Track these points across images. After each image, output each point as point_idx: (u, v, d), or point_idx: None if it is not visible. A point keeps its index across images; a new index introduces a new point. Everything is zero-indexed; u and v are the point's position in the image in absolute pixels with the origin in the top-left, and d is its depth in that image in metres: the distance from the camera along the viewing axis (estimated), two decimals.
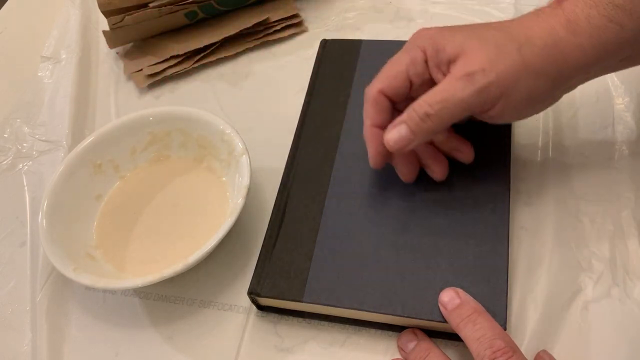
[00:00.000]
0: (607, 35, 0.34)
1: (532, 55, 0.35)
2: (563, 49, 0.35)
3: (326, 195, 0.42)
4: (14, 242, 0.48)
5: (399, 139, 0.37)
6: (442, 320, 0.35)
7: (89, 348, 0.41)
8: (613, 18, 0.34)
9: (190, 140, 0.47)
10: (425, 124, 0.36)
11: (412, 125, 0.37)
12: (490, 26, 0.38)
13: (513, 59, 0.35)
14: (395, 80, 0.38)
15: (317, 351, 0.39)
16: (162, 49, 0.58)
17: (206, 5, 0.57)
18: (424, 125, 0.36)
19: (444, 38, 0.37)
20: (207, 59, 0.57)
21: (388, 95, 0.39)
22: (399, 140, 0.37)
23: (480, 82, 0.35)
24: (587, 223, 0.41)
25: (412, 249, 0.39)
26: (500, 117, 0.37)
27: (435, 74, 0.38)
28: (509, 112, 0.37)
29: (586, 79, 0.38)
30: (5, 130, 0.56)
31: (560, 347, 0.37)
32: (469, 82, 0.35)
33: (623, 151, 0.45)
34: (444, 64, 0.37)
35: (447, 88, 0.36)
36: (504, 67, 0.35)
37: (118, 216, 0.46)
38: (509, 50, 0.35)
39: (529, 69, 0.35)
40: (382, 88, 0.39)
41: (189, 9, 0.57)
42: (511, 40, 0.36)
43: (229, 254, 0.44)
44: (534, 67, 0.35)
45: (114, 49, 0.60)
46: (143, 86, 0.57)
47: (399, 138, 0.37)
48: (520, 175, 0.44)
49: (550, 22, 0.35)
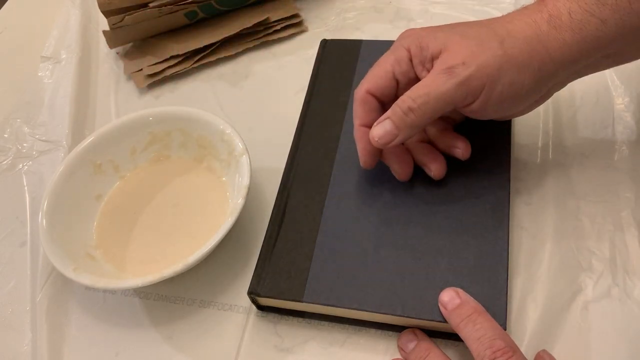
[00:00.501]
0: (589, 29, 0.34)
1: (514, 48, 0.35)
2: (546, 43, 0.35)
3: (326, 195, 0.42)
4: (14, 242, 0.48)
5: (384, 134, 0.38)
6: (442, 320, 0.35)
7: (89, 348, 0.41)
8: (594, 12, 0.34)
9: (190, 140, 0.47)
10: (408, 118, 0.37)
11: (396, 120, 0.37)
12: (473, 23, 0.38)
13: (494, 52, 0.35)
14: (382, 80, 0.39)
15: (317, 351, 0.39)
16: (162, 49, 0.58)
17: (206, 5, 0.57)
18: (407, 120, 0.37)
19: (427, 36, 0.38)
20: (207, 59, 0.57)
21: (375, 95, 0.39)
22: (384, 135, 0.38)
23: (460, 75, 0.35)
24: (587, 223, 0.41)
25: (412, 249, 0.39)
26: (483, 111, 0.37)
27: (420, 71, 0.38)
28: (492, 106, 0.37)
29: (575, 75, 0.38)
30: (5, 130, 0.56)
31: (560, 347, 0.37)
32: (450, 75, 0.36)
33: (623, 151, 0.45)
34: (428, 61, 0.37)
35: (428, 83, 0.36)
36: (484, 60, 0.35)
37: (118, 216, 0.46)
38: (491, 44, 0.36)
39: (511, 61, 0.35)
40: (369, 88, 0.39)
41: (189, 9, 0.57)
42: (494, 35, 0.36)
43: (229, 254, 0.44)
44: (516, 60, 0.35)
45: (114, 49, 0.60)
46: (143, 86, 0.57)
47: (384, 133, 0.38)
48: (520, 175, 0.44)
49: (533, 17, 0.36)
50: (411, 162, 0.42)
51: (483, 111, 0.37)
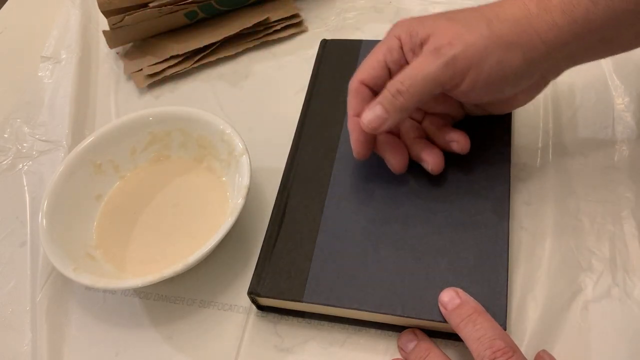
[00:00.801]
0: (579, 11, 0.34)
1: (502, 28, 0.36)
2: (535, 25, 0.35)
3: (326, 195, 0.42)
4: (14, 242, 0.48)
5: (374, 119, 0.38)
6: (442, 320, 0.35)
7: (89, 348, 0.41)
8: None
9: (190, 140, 0.47)
10: (397, 101, 0.37)
11: (385, 104, 0.38)
12: (463, 9, 0.39)
13: (481, 32, 0.36)
14: (374, 70, 0.39)
15: (317, 351, 0.39)
16: (162, 49, 0.58)
17: (206, 5, 0.57)
18: (396, 102, 0.37)
19: (417, 24, 0.38)
20: (207, 59, 0.57)
21: (369, 85, 0.40)
22: (374, 119, 0.38)
23: (446, 55, 0.36)
24: (587, 223, 0.41)
25: (412, 249, 0.39)
26: (472, 92, 0.37)
27: (410, 58, 0.38)
28: (480, 87, 0.37)
29: (570, 60, 0.38)
30: (5, 130, 0.56)
31: (560, 347, 0.37)
32: (436, 56, 0.36)
33: (623, 151, 0.45)
34: (417, 47, 0.38)
35: (416, 65, 0.37)
36: (471, 39, 0.36)
37: (118, 216, 0.46)
38: (478, 25, 0.36)
39: (499, 40, 0.35)
40: (362, 78, 0.40)
41: (189, 9, 0.57)
42: (481, 17, 0.36)
43: (229, 254, 0.44)
44: (504, 39, 0.35)
45: (114, 49, 0.60)
46: (143, 86, 0.57)
47: (373, 117, 0.38)
48: (520, 175, 0.44)
49: (522, 0, 0.36)
50: (406, 154, 0.42)
51: (472, 92, 0.37)
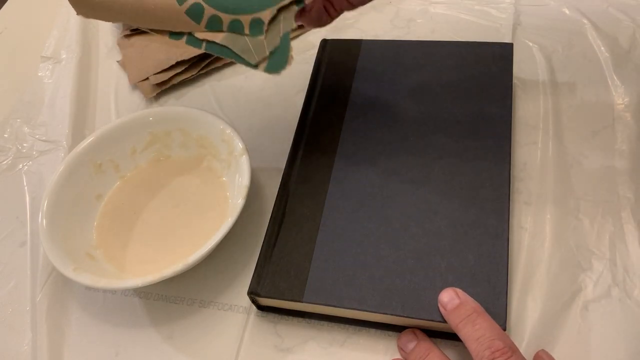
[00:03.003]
0: None
1: None
2: None
3: (326, 195, 0.42)
4: (14, 242, 0.48)
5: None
6: (442, 320, 0.35)
7: (89, 348, 0.41)
8: None
9: (190, 140, 0.47)
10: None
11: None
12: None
13: None
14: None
15: (317, 351, 0.39)
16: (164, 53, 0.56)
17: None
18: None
19: None
20: (213, 65, 0.56)
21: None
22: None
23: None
24: (587, 223, 0.41)
25: (412, 249, 0.39)
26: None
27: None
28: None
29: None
30: (5, 130, 0.56)
31: (560, 347, 0.37)
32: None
33: (623, 151, 0.45)
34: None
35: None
36: None
37: (118, 216, 0.46)
38: None
39: None
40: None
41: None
42: None
43: (229, 254, 0.44)
44: None
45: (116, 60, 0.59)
46: (151, 96, 0.55)
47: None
48: (520, 175, 0.44)
49: None
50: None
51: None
